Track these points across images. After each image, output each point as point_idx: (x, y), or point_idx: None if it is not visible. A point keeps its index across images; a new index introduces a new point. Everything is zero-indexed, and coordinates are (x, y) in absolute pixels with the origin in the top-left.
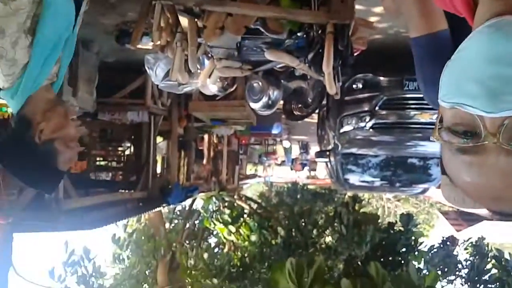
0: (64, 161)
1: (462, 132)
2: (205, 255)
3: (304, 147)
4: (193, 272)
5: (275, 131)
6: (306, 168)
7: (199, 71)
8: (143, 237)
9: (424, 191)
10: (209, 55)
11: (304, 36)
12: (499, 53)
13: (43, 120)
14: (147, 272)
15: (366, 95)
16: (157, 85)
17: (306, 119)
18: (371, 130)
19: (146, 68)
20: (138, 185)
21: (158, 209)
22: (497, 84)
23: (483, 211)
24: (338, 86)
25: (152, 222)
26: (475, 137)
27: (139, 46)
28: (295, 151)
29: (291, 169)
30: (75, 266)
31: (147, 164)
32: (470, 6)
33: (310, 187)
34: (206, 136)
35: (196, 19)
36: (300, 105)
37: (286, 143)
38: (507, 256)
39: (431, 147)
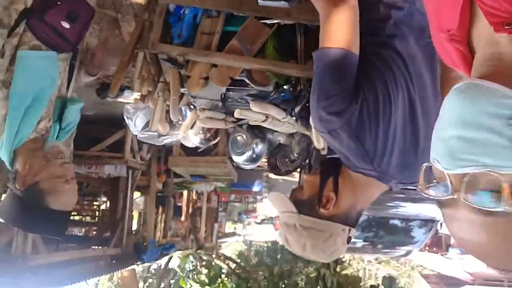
0: (57, 200)
1: (436, 185)
2: None
3: None
4: None
5: (255, 188)
6: None
7: (180, 122)
8: None
9: (407, 253)
10: (191, 106)
11: (291, 89)
12: (461, 115)
13: (24, 168)
14: None
15: None
16: (137, 139)
17: (287, 177)
18: None
19: (125, 118)
20: (112, 242)
21: (132, 267)
22: (457, 144)
23: (465, 276)
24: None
25: (125, 281)
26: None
27: (120, 99)
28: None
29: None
30: None
31: (122, 220)
32: (468, 62)
33: None
34: (185, 192)
35: (179, 69)
36: (286, 159)
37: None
38: None
39: (413, 209)
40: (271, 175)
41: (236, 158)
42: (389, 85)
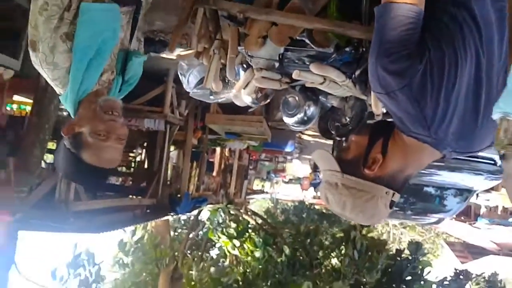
0: (93, 155)
1: None
2: (212, 269)
3: (316, 167)
4: (197, 285)
5: (288, 149)
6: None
7: (234, 80)
8: (148, 245)
9: (439, 221)
10: (245, 65)
11: (352, 51)
12: None
13: (75, 117)
14: (148, 280)
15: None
16: (178, 94)
17: (320, 139)
18: None
19: (179, 74)
20: (148, 192)
21: (166, 217)
22: None
23: (491, 245)
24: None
25: (159, 230)
26: None
27: (163, 54)
28: (305, 170)
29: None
30: (78, 269)
31: (158, 172)
32: None
33: (316, 207)
34: (218, 149)
35: (238, 27)
36: (337, 123)
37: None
38: None
39: (450, 177)
40: (304, 136)
41: (287, 120)
42: (457, 49)
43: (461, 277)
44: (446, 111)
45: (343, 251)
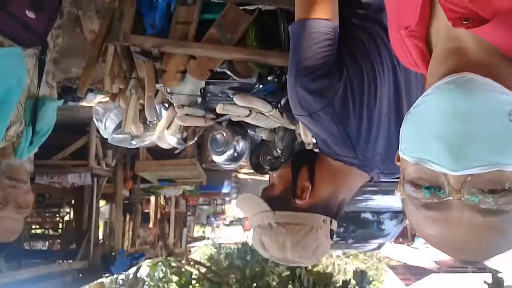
0: None
1: (426, 187)
2: None
3: None
4: None
5: (225, 190)
6: None
7: (155, 121)
8: None
9: (380, 246)
10: (166, 104)
11: (276, 80)
12: (460, 110)
13: None
14: None
15: None
16: (103, 144)
17: (257, 177)
18: None
19: (94, 120)
20: (78, 254)
21: (100, 280)
22: (459, 141)
23: (430, 264)
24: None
25: None
26: (438, 193)
27: (83, 103)
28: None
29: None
30: None
31: (88, 231)
32: (426, 59)
33: None
34: (152, 198)
35: (154, 63)
36: (268, 157)
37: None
38: None
39: (384, 201)
40: (240, 175)
41: (216, 158)
42: (375, 64)
43: None
44: (370, 130)
45: None
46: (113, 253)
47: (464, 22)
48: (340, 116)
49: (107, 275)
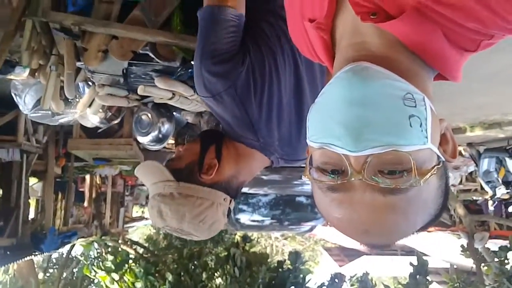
0: None
1: (331, 171)
2: None
3: None
4: None
5: None
6: None
7: (77, 99)
8: None
9: (312, 229)
10: (89, 83)
11: None
12: (357, 95)
13: None
14: None
15: None
16: (31, 120)
17: None
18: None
19: (13, 95)
20: (6, 232)
21: (29, 258)
22: (358, 125)
23: (363, 247)
24: None
25: (21, 273)
26: (342, 175)
27: (11, 77)
28: None
29: None
30: None
31: (16, 208)
32: (331, 55)
33: None
34: (87, 177)
35: (75, 40)
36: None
37: None
38: None
39: None
40: None
41: (141, 139)
42: (277, 56)
43: (336, 280)
44: (270, 114)
45: (226, 270)
46: (44, 232)
47: (371, 17)
48: (242, 98)
49: (37, 253)
